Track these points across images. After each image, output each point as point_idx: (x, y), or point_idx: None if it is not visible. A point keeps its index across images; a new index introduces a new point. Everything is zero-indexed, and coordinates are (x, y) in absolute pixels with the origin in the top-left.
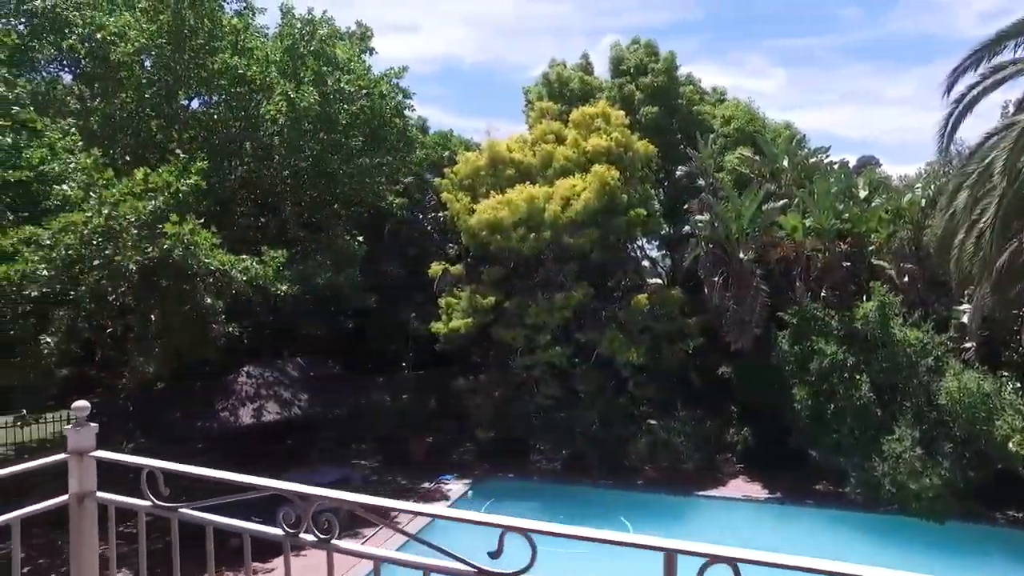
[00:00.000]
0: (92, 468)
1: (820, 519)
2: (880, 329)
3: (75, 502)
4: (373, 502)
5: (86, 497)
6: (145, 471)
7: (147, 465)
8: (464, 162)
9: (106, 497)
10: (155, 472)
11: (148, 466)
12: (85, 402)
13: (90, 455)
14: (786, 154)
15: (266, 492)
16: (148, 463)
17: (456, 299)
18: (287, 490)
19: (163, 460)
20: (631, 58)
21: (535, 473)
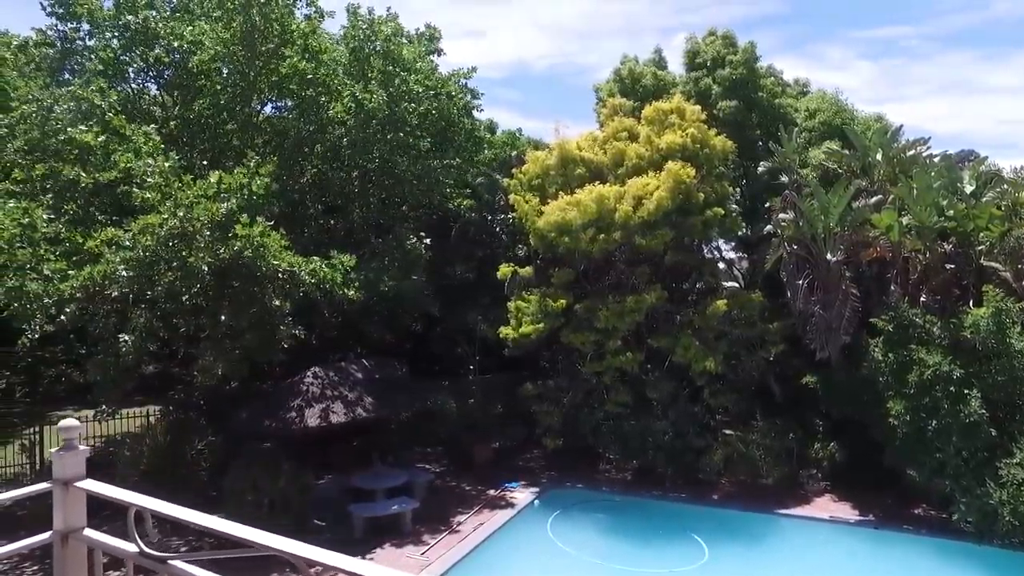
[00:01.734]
0: (81, 501)
1: (922, 547)
2: (995, 338)
3: (59, 540)
4: None
5: (71, 534)
6: (132, 510)
7: (134, 504)
8: (533, 162)
9: (94, 538)
10: (144, 513)
11: (136, 505)
12: (73, 421)
13: (77, 485)
14: (879, 147)
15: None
16: (137, 501)
17: (526, 303)
18: (287, 552)
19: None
20: (707, 50)
21: (604, 483)
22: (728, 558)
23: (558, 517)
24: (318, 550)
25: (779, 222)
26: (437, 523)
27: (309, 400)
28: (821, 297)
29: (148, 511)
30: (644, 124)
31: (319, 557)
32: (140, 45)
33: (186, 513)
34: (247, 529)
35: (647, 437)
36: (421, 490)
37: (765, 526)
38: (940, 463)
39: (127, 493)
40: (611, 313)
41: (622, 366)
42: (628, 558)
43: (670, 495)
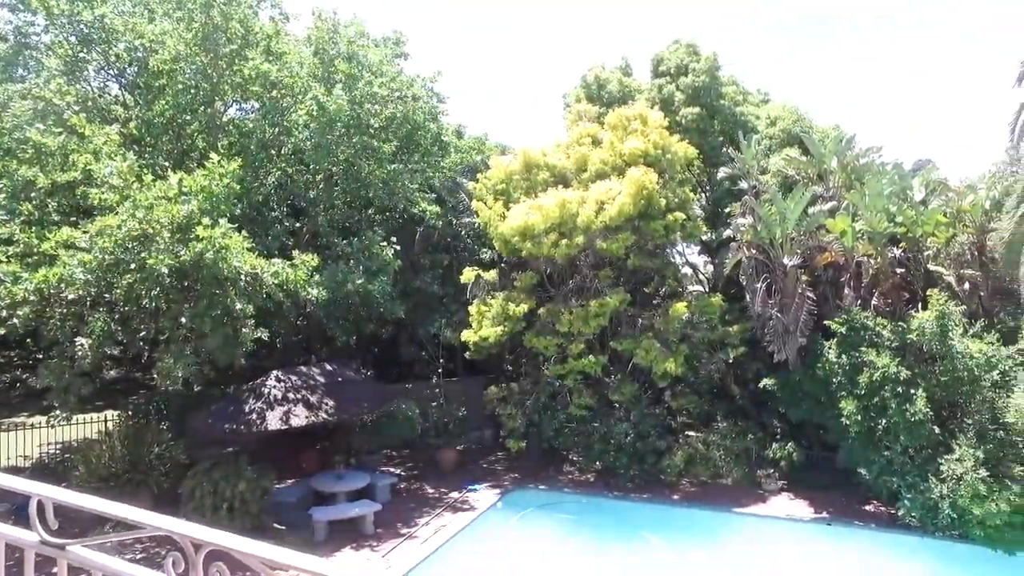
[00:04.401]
0: None
1: (871, 541)
2: (938, 340)
3: None
4: (271, 555)
5: None
6: (34, 500)
7: (36, 494)
8: (497, 166)
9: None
10: (45, 501)
11: (36, 494)
12: None
13: None
14: (834, 155)
15: (157, 532)
16: (38, 491)
17: (487, 307)
18: (176, 532)
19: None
20: (671, 58)
21: (567, 485)
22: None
23: (520, 519)
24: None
25: (738, 227)
26: (399, 525)
27: (271, 403)
28: (779, 300)
29: (50, 500)
30: (608, 129)
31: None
32: (100, 43)
33: (88, 500)
34: (144, 513)
35: (609, 439)
36: (384, 493)
37: (723, 524)
38: (888, 461)
39: (26, 482)
40: (574, 317)
41: (585, 369)
42: (586, 557)
43: (632, 496)
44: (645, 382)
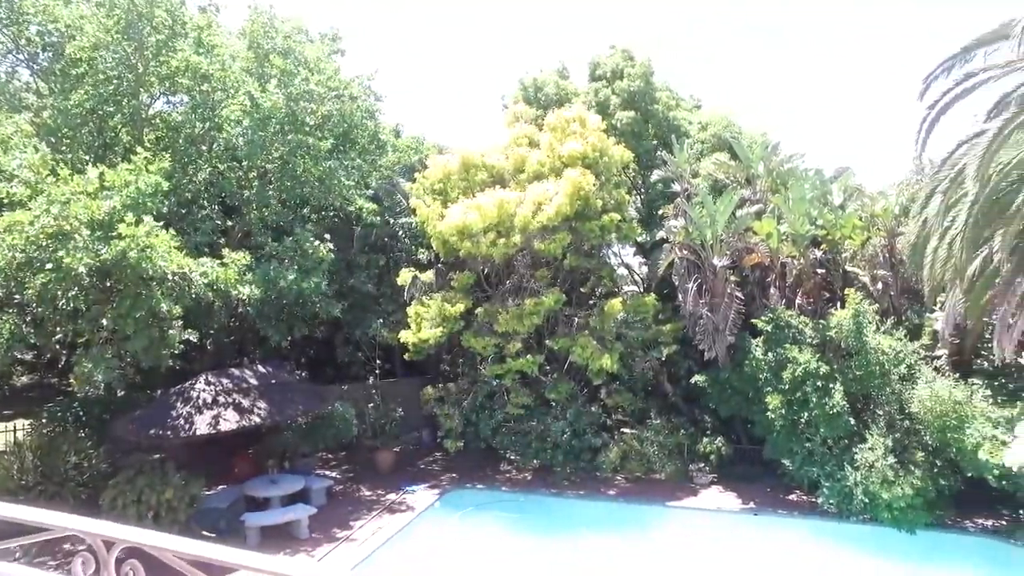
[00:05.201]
0: None
1: (793, 529)
2: (854, 337)
3: None
4: (185, 549)
5: None
6: None
7: None
8: (435, 166)
9: None
10: None
11: None
12: None
13: None
14: (761, 160)
15: (61, 533)
16: None
17: (425, 307)
18: (83, 531)
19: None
20: (607, 63)
21: (504, 483)
22: (622, 549)
23: (458, 518)
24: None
25: (671, 228)
26: (336, 528)
27: (200, 407)
28: (709, 300)
29: None
30: (548, 131)
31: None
32: (8, 24)
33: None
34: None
35: (546, 437)
36: (320, 496)
37: (656, 517)
38: (809, 452)
39: None
40: (511, 317)
41: (522, 369)
42: (524, 555)
43: (568, 492)
44: (581, 380)
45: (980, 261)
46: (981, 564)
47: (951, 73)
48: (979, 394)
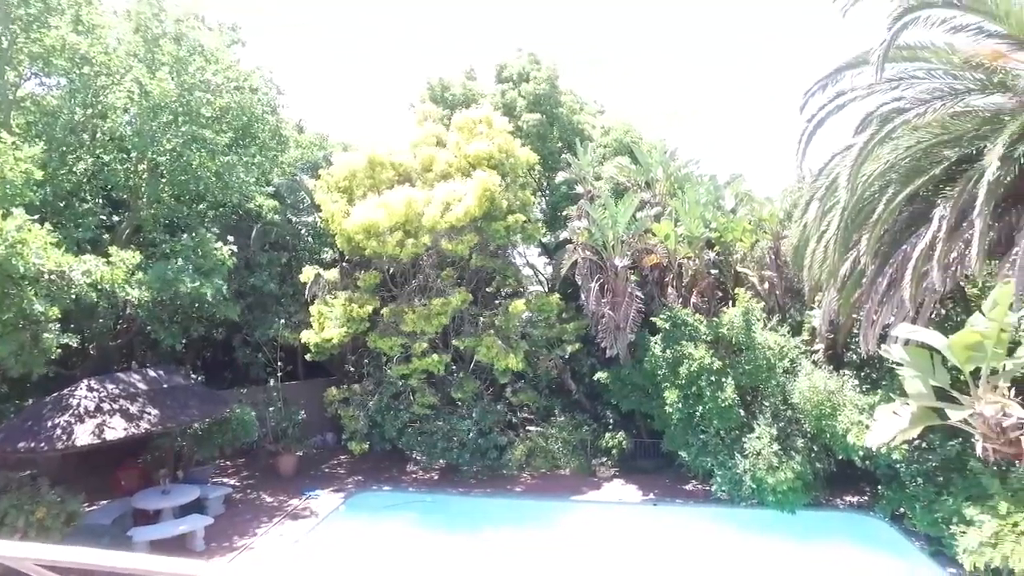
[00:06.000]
0: None
1: (689, 516)
2: (743, 334)
3: None
4: (47, 556)
5: None
6: None
7: None
8: (340, 164)
9: None
10: None
11: None
12: None
13: None
14: (660, 165)
15: None
16: None
17: (329, 307)
18: None
19: None
20: (514, 65)
21: (411, 484)
22: (528, 543)
23: (363, 521)
24: None
25: (574, 229)
26: (235, 538)
27: (81, 416)
28: (611, 299)
29: None
30: (455, 131)
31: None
32: None
33: None
34: None
35: (452, 436)
36: (217, 505)
37: (561, 512)
38: (704, 443)
39: None
40: (417, 316)
41: (428, 368)
42: (430, 554)
43: (475, 491)
44: (487, 379)
45: (850, 263)
46: (849, 536)
47: (826, 90)
48: (849, 384)
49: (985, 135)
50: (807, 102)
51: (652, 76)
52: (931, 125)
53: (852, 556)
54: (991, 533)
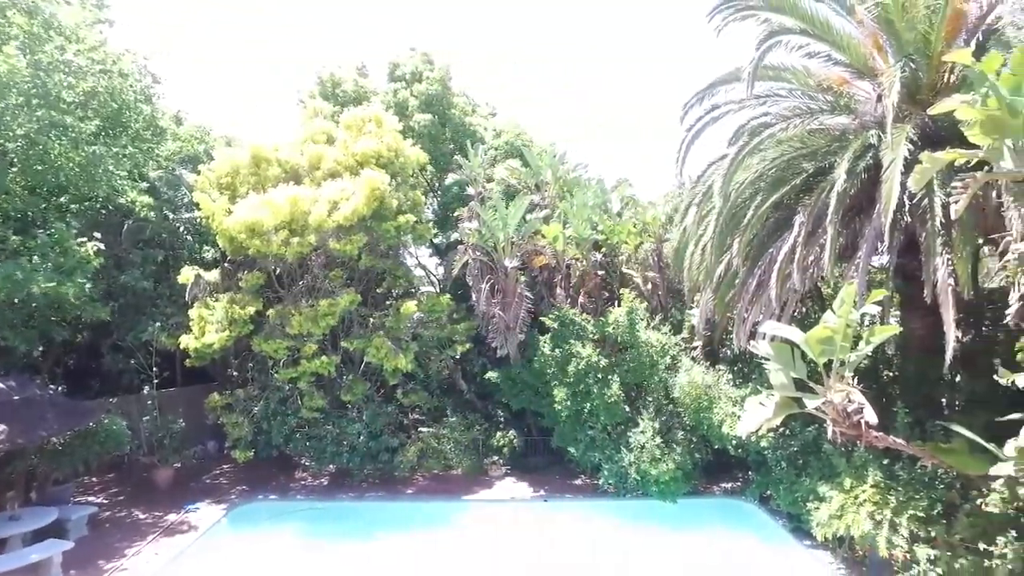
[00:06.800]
0: None
1: (578, 510)
2: (628, 332)
3: None
4: None
5: None
6: None
7: None
8: (223, 159)
9: None
10: None
11: None
12: None
13: None
14: (549, 168)
15: None
16: None
17: (210, 309)
18: None
19: None
20: (407, 65)
21: (300, 491)
22: (421, 545)
23: (248, 533)
24: None
25: (465, 230)
26: (101, 561)
27: None
28: (501, 299)
29: None
30: (343, 129)
31: None
32: None
33: None
34: None
35: (342, 440)
36: (79, 527)
37: (453, 512)
38: (592, 439)
39: None
40: (304, 318)
41: (317, 371)
42: (320, 563)
43: (367, 495)
44: (377, 381)
45: (725, 265)
46: (723, 520)
47: (703, 103)
48: (724, 378)
49: (835, 151)
50: (686, 113)
51: (544, 82)
52: (792, 139)
53: (725, 538)
54: (838, 506)
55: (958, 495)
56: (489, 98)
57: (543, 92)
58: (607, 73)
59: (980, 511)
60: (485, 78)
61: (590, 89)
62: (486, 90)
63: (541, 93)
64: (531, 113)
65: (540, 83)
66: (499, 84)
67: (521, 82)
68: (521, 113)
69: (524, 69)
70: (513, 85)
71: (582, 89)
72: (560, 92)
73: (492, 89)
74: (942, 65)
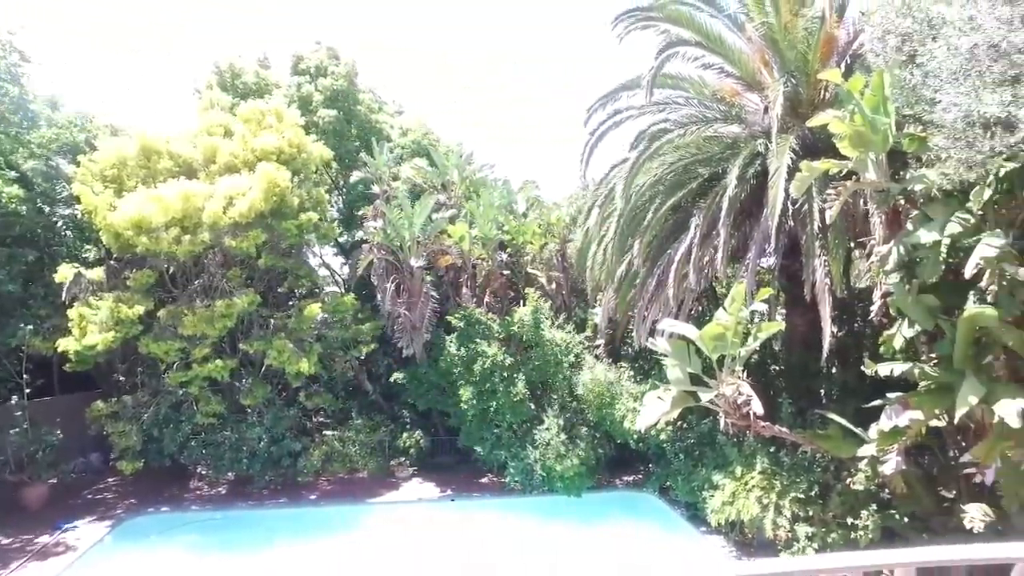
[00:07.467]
0: None
1: (486, 508)
2: (533, 331)
3: None
4: None
5: None
6: None
7: None
8: (108, 149)
9: None
10: None
11: None
12: None
13: None
14: (456, 168)
15: None
16: None
17: (93, 309)
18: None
19: None
20: (312, 58)
21: (195, 502)
22: (325, 551)
23: (134, 550)
24: None
25: (370, 229)
26: None
27: None
28: (407, 299)
29: None
30: (241, 122)
31: None
32: None
33: None
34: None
35: (242, 446)
36: None
37: (358, 516)
38: (498, 437)
39: None
40: (199, 318)
41: (212, 374)
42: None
43: (268, 502)
44: (279, 383)
45: (626, 265)
46: (625, 512)
47: (606, 108)
48: (625, 375)
49: (728, 157)
50: (590, 117)
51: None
52: (689, 145)
53: (628, 529)
54: (730, 493)
55: (832, 476)
56: (489, 98)
57: (543, 92)
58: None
59: (849, 489)
60: (485, 78)
61: (590, 89)
62: (486, 90)
63: (541, 93)
64: (531, 113)
65: (540, 83)
66: (499, 84)
67: (521, 82)
68: (522, 113)
69: (524, 69)
70: (513, 85)
71: (582, 89)
72: (560, 92)
73: (492, 89)
74: (819, 82)
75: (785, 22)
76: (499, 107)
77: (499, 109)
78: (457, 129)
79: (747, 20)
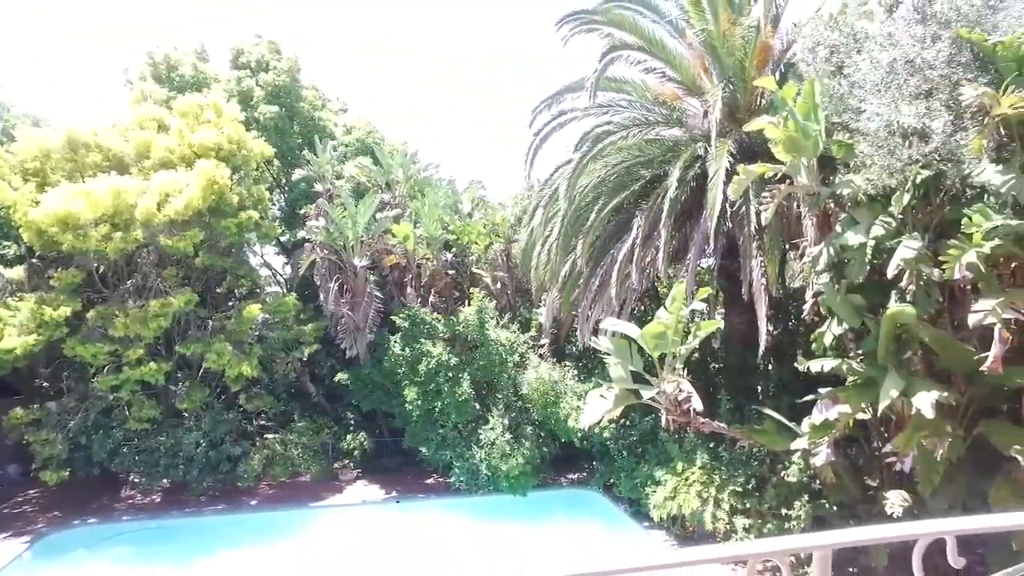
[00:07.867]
0: None
1: (432, 509)
2: (478, 331)
3: None
4: None
5: None
6: None
7: None
8: (29, 141)
9: None
10: None
11: None
12: None
13: None
14: (401, 167)
15: None
16: None
17: (11, 310)
18: None
19: None
20: (252, 52)
21: (126, 512)
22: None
23: (57, 566)
24: None
25: (313, 228)
26: None
27: None
28: (350, 299)
29: None
30: (178, 116)
31: None
32: None
33: None
34: None
35: (178, 452)
36: None
37: (301, 520)
38: (443, 437)
39: None
40: (131, 320)
41: (145, 378)
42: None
43: (206, 509)
44: (218, 386)
45: (569, 265)
46: (570, 509)
47: (551, 109)
48: (570, 374)
49: (669, 160)
50: (535, 118)
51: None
52: (632, 148)
53: (573, 526)
54: (671, 488)
55: (768, 469)
56: (489, 98)
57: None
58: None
59: (783, 481)
60: (485, 78)
61: None
62: (486, 90)
63: (541, 93)
64: None
65: (540, 83)
66: (499, 84)
67: (521, 82)
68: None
69: (524, 69)
70: (513, 85)
71: None
72: None
73: (492, 89)
74: (755, 89)
75: (723, 30)
76: (499, 107)
77: (499, 109)
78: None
79: (688, 26)
